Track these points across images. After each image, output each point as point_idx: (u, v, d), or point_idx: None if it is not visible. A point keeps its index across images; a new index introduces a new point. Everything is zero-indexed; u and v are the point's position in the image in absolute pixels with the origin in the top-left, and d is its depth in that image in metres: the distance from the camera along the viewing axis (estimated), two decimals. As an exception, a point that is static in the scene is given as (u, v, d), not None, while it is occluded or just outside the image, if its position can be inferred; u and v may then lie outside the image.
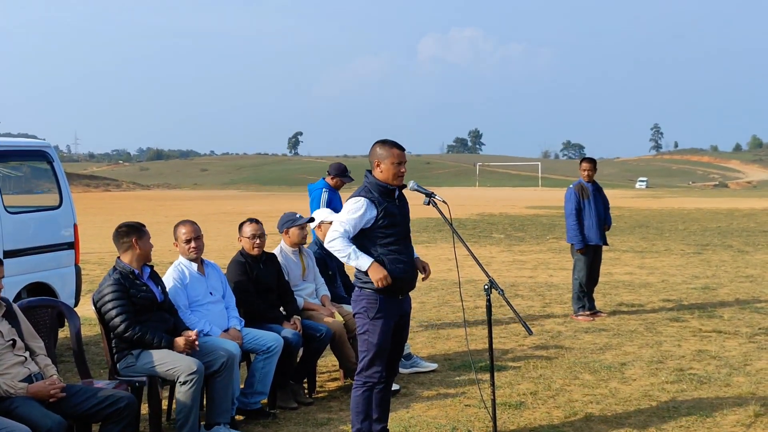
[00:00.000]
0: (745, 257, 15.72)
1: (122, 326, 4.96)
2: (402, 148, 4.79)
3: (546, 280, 12.75)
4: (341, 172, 8.61)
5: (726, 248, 17.54)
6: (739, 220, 27.28)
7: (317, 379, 6.46)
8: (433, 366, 6.94)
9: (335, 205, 8.21)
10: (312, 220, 6.73)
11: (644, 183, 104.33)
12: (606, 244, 9.56)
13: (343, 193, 5.31)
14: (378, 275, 4.59)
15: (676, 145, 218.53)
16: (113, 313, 4.98)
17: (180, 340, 5.08)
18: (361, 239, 4.70)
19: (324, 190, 8.44)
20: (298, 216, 6.51)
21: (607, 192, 10.13)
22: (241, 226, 6.18)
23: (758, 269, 13.76)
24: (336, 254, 4.69)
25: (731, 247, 17.85)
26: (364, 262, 4.62)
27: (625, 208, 37.13)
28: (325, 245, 4.72)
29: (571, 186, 9.50)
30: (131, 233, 5.14)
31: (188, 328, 5.26)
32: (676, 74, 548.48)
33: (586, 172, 9.43)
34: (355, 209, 4.66)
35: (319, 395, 6.28)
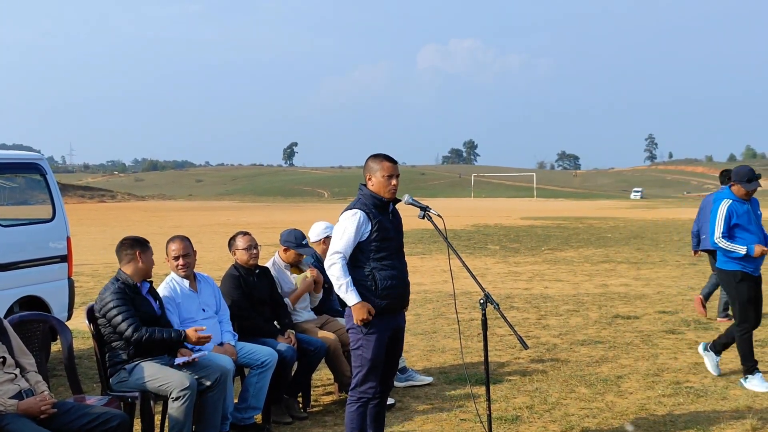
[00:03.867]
0: (741, 268, 15.69)
1: (129, 329, 4.92)
2: (394, 161, 4.76)
3: (541, 291, 12.72)
4: (743, 177, 6.63)
5: (721, 259, 17.50)
6: (734, 231, 27.26)
7: (312, 393, 6.42)
8: (429, 379, 6.91)
9: (738, 220, 6.62)
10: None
11: (639, 193, 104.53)
12: None
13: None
14: (360, 316, 4.62)
15: (670, 156, 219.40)
16: (119, 318, 4.94)
17: (191, 332, 5.07)
18: (355, 252, 4.67)
19: (725, 201, 6.71)
20: (304, 242, 6.45)
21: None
22: (232, 240, 6.15)
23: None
24: (332, 279, 4.69)
25: (726, 258, 17.82)
26: (351, 298, 4.63)
27: (620, 218, 37.14)
28: (326, 268, 4.70)
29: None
30: (135, 246, 5.18)
31: (185, 345, 5.22)
32: (670, 85, 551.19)
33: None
34: (350, 223, 4.63)
35: (314, 409, 6.23)
